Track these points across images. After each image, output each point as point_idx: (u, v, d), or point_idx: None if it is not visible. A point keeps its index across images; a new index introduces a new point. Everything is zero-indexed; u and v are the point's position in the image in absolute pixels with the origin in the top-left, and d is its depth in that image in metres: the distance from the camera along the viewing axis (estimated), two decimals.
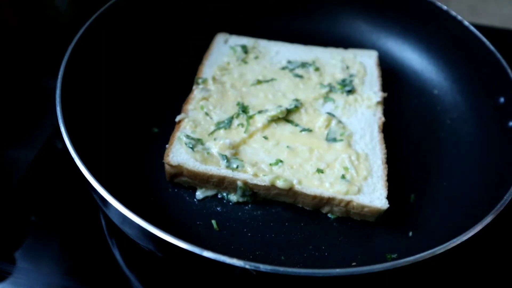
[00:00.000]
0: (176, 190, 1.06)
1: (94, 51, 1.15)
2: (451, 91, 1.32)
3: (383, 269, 0.75)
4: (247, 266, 0.73)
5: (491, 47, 1.21)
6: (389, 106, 1.24)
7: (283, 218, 1.03)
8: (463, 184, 1.10)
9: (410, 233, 1.02)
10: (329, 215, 1.04)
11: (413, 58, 1.42)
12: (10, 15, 1.35)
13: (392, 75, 1.38)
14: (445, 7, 1.33)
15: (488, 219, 0.86)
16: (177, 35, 1.39)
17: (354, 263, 0.96)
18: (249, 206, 1.04)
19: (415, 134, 1.23)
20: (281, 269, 0.73)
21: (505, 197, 0.90)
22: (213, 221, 1.00)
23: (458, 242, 0.81)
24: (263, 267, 0.73)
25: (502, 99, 1.14)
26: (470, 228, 0.84)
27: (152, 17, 1.34)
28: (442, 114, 1.28)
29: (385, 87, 1.28)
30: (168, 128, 1.11)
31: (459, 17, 1.30)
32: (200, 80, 1.20)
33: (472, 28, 1.26)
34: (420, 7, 1.37)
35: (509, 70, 1.14)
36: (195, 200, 1.04)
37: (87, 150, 0.93)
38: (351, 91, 1.22)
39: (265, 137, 1.09)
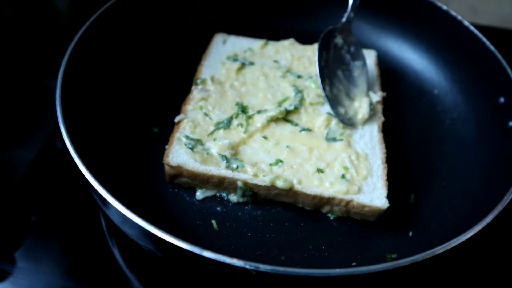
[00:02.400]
0: (176, 190, 1.06)
1: (94, 51, 1.15)
2: (451, 91, 1.32)
3: (383, 269, 0.75)
4: (247, 266, 0.73)
5: (491, 47, 1.21)
6: (389, 105, 1.24)
7: (283, 218, 1.03)
8: (463, 184, 1.10)
9: (410, 233, 1.02)
10: (329, 215, 1.04)
11: (413, 58, 1.42)
12: (10, 15, 1.35)
13: (392, 75, 1.38)
14: (445, 7, 1.33)
15: (488, 219, 0.86)
16: (176, 35, 1.39)
17: (354, 263, 0.96)
18: (249, 206, 1.04)
19: (415, 134, 1.23)
20: (281, 269, 0.73)
21: (505, 197, 0.90)
22: (213, 221, 1.00)
23: (458, 242, 0.81)
24: (263, 267, 0.73)
25: (502, 99, 1.14)
26: (470, 228, 0.84)
27: (151, 17, 1.34)
28: (442, 114, 1.28)
29: (385, 87, 1.28)
30: (168, 128, 1.11)
31: (459, 17, 1.30)
32: (198, 81, 1.20)
33: (472, 28, 1.26)
34: (420, 7, 1.37)
35: (509, 70, 1.14)
36: (195, 200, 1.04)
37: (87, 150, 0.93)
38: None
39: (265, 137, 1.08)
